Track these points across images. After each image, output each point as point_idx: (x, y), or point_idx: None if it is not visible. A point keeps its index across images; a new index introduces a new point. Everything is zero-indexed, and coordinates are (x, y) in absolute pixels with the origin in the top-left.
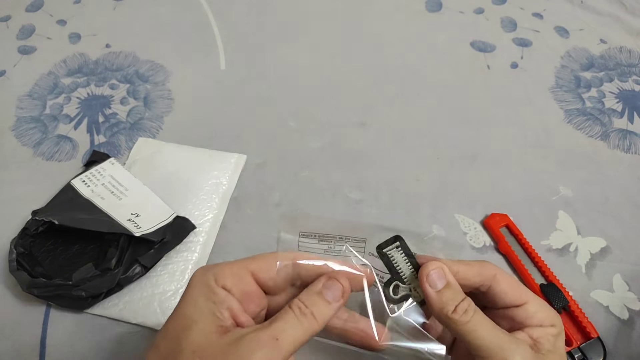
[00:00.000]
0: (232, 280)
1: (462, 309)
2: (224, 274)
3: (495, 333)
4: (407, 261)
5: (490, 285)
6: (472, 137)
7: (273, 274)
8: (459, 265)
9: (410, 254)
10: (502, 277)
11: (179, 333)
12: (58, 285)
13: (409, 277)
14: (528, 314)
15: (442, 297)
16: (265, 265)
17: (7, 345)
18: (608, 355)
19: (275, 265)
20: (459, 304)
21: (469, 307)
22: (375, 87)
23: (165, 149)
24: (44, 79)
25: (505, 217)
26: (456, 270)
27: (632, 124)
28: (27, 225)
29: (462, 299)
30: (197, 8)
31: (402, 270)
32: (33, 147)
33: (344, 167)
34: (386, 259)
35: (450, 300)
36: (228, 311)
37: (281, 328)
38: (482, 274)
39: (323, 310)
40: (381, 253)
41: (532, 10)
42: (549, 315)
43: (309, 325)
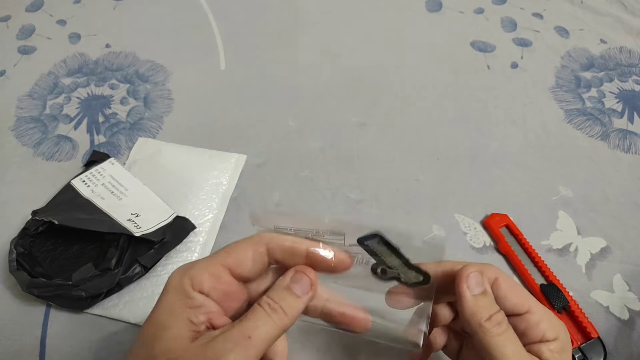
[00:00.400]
0: (209, 282)
1: (496, 320)
2: (200, 277)
3: (522, 354)
4: (391, 253)
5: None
6: (472, 137)
7: (250, 266)
8: (459, 266)
9: (395, 247)
10: (504, 281)
11: (152, 339)
12: (58, 285)
13: (397, 265)
14: (529, 324)
15: (478, 302)
16: (242, 256)
17: (7, 345)
18: (608, 356)
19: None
20: (494, 314)
21: (503, 320)
22: (375, 87)
23: (165, 149)
24: (44, 79)
25: (505, 217)
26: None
27: (632, 124)
28: (27, 225)
29: (497, 311)
30: (197, 8)
31: (387, 259)
32: (33, 147)
33: (344, 167)
34: (368, 249)
35: (485, 309)
36: (205, 315)
37: (252, 326)
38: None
39: (292, 304)
40: (363, 244)
41: (532, 10)
42: (552, 326)
43: (280, 320)
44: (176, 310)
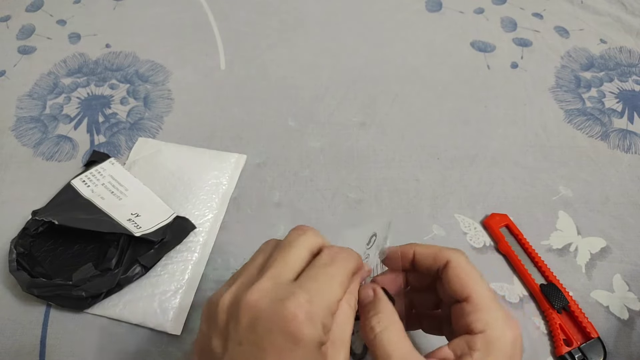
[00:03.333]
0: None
1: (371, 325)
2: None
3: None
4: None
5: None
6: (472, 137)
7: None
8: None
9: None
10: (456, 263)
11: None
12: (58, 285)
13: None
14: (463, 313)
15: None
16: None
17: (7, 345)
18: (608, 356)
19: None
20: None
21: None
22: (375, 87)
23: (165, 149)
24: (44, 79)
25: (505, 217)
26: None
27: (632, 124)
28: (27, 225)
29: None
30: (197, 8)
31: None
32: (33, 147)
33: (344, 167)
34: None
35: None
36: None
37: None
38: (437, 256)
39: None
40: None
41: (532, 10)
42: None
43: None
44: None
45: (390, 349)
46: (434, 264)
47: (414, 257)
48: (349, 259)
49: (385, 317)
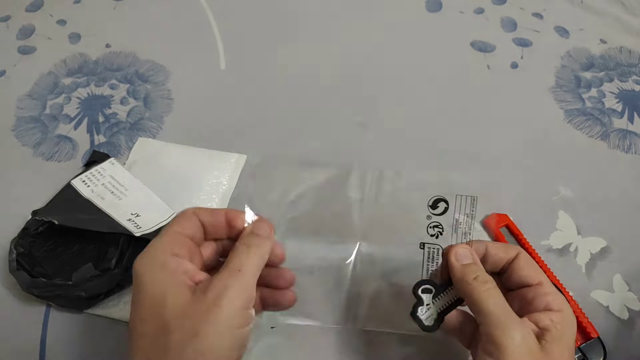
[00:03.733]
0: (176, 245)
1: (483, 279)
2: (165, 243)
3: (505, 308)
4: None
5: (512, 262)
6: (472, 137)
7: (194, 228)
8: (488, 243)
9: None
10: (524, 257)
11: (157, 311)
12: (58, 285)
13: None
14: (537, 294)
15: (465, 269)
16: (185, 222)
17: (7, 345)
18: (608, 356)
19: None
20: (480, 275)
21: (490, 280)
22: (375, 87)
23: (165, 149)
24: (44, 79)
25: (505, 217)
26: (486, 246)
27: (632, 124)
28: (27, 225)
29: (484, 274)
30: (197, 8)
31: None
32: (33, 147)
33: (344, 167)
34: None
35: (472, 272)
36: (185, 274)
37: (239, 262)
38: (507, 250)
39: (263, 243)
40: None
41: (532, 10)
42: (558, 300)
43: (258, 252)
44: (161, 279)
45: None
46: (505, 256)
47: (486, 251)
48: None
49: (487, 276)
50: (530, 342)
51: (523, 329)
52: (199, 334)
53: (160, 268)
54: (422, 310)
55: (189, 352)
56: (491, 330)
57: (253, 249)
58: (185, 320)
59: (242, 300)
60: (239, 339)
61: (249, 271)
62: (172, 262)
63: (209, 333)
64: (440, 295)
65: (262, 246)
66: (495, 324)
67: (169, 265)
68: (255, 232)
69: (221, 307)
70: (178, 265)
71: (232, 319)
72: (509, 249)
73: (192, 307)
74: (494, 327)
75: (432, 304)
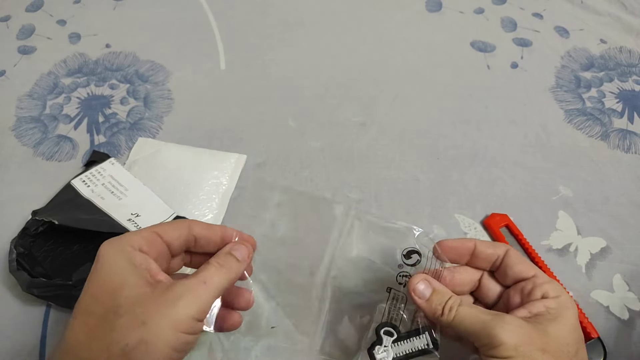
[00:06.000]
0: (146, 243)
1: (447, 308)
2: (138, 238)
3: (478, 318)
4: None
5: (503, 259)
6: (472, 137)
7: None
8: (477, 241)
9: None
10: (514, 253)
11: (111, 293)
12: (58, 285)
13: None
14: (535, 284)
15: (431, 305)
16: (168, 227)
17: (7, 345)
18: (608, 355)
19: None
20: (445, 304)
21: (453, 304)
22: (375, 87)
23: (165, 149)
24: (44, 79)
25: (505, 217)
26: (474, 244)
27: (632, 124)
28: (27, 225)
29: (447, 299)
30: (197, 8)
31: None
32: (33, 147)
33: (344, 167)
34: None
35: (438, 305)
36: (147, 271)
37: (207, 275)
38: (495, 247)
39: (234, 265)
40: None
41: (532, 10)
42: (553, 287)
43: (227, 274)
44: (124, 267)
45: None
46: (494, 253)
47: (474, 248)
48: None
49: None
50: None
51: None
52: (146, 323)
53: (124, 258)
54: (379, 349)
55: (132, 337)
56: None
57: (224, 270)
58: (137, 308)
59: (196, 310)
60: (182, 343)
61: (212, 287)
62: (138, 257)
63: (156, 325)
64: (400, 342)
65: (233, 270)
66: (478, 338)
67: (134, 259)
68: (232, 254)
69: (176, 307)
70: (143, 261)
71: (181, 323)
72: (497, 247)
73: (148, 299)
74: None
75: (390, 348)
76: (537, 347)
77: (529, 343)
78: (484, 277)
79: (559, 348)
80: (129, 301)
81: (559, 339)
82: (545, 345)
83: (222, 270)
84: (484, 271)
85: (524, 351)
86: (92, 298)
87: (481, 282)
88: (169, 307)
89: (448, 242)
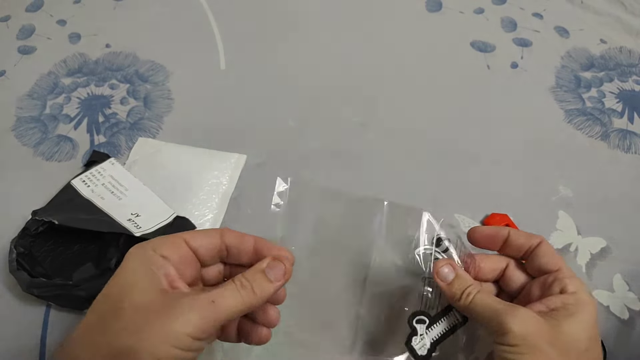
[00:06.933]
0: (169, 248)
1: (466, 294)
2: (161, 243)
3: (492, 306)
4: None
5: (535, 249)
6: (472, 137)
7: (205, 242)
8: (511, 230)
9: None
10: (546, 244)
11: (119, 295)
12: (58, 285)
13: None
14: (557, 278)
15: (452, 288)
16: (198, 234)
17: (7, 345)
18: (608, 355)
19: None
20: (465, 290)
21: (472, 290)
22: (375, 87)
23: (165, 149)
24: (44, 79)
25: (505, 217)
26: (508, 232)
27: (632, 124)
28: (27, 225)
29: (468, 286)
30: (197, 8)
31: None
32: (33, 147)
33: (344, 167)
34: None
35: (458, 289)
36: (165, 277)
37: (219, 294)
38: (530, 238)
39: (264, 286)
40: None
41: (532, 10)
42: (572, 282)
43: (247, 297)
44: (140, 270)
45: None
46: (527, 243)
47: (508, 236)
48: None
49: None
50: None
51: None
52: (141, 332)
53: (144, 262)
54: (416, 340)
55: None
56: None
57: (244, 292)
58: (138, 314)
59: (194, 330)
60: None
61: (221, 309)
62: (158, 262)
63: (150, 336)
64: (433, 325)
65: (259, 291)
66: (489, 323)
67: (153, 263)
68: (266, 272)
69: (174, 322)
70: (162, 265)
71: (177, 339)
72: (532, 237)
73: (152, 306)
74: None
75: (425, 334)
76: (545, 340)
77: (538, 335)
78: (509, 267)
79: (568, 343)
80: (133, 305)
81: (570, 334)
82: (553, 340)
83: (240, 292)
84: (511, 261)
85: (531, 342)
86: (103, 296)
87: (506, 271)
88: (168, 320)
89: (484, 230)
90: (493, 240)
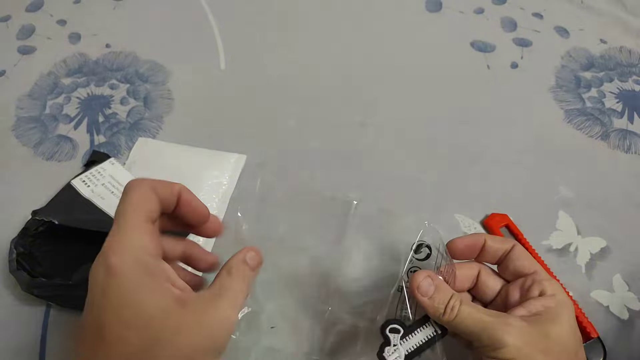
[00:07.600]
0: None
1: (450, 307)
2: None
3: (480, 319)
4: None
5: (508, 253)
6: (472, 137)
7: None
8: (487, 236)
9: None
10: (519, 247)
11: (143, 319)
12: (58, 285)
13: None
14: (535, 280)
15: (434, 303)
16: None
17: (8, 345)
18: (608, 355)
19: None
20: (447, 303)
21: (455, 303)
22: (375, 87)
23: (165, 149)
24: (44, 79)
25: (505, 217)
26: (484, 238)
27: (632, 124)
28: (27, 225)
29: (449, 298)
30: (197, 8)
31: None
32: (33, 147)
33: (344, 167)
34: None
35: (440, 304)
36: (167, 281)
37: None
38: (504, 242)
39: (248, 274)
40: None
41: (532, 10)
42: (550, 285)
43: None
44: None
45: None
46: (502, 247)
47: (484, 243)
48: None
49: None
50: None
51: (508, 327)
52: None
53: (144, 272)
54: (389, 350)
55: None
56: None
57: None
58: (177, 337)
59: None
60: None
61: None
62: (155, 266)
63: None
64: (409, 335)
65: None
66: (479, 339)
67: (152, 270)
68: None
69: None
70: (161, 270)
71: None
72: (505, 242)
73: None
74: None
75: (399, 345)
76: (539, 349)
77: (532, 345)
78: (481, 273)
79: (560, 350)
80: (168, 331)
81: (559, 340)
82: (546, 348)
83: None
84: (482, 267)
85: (526, 353)
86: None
87: (479, 278)
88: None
89: (464, 240)
90: (472, 249)
